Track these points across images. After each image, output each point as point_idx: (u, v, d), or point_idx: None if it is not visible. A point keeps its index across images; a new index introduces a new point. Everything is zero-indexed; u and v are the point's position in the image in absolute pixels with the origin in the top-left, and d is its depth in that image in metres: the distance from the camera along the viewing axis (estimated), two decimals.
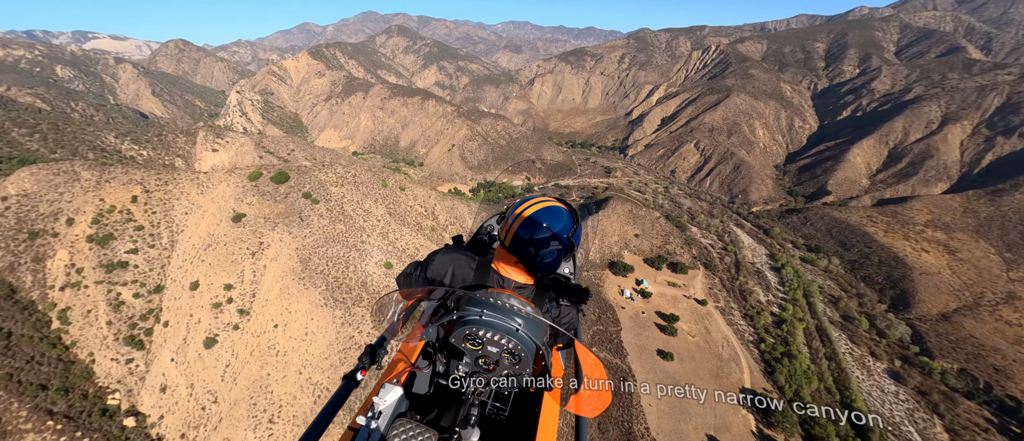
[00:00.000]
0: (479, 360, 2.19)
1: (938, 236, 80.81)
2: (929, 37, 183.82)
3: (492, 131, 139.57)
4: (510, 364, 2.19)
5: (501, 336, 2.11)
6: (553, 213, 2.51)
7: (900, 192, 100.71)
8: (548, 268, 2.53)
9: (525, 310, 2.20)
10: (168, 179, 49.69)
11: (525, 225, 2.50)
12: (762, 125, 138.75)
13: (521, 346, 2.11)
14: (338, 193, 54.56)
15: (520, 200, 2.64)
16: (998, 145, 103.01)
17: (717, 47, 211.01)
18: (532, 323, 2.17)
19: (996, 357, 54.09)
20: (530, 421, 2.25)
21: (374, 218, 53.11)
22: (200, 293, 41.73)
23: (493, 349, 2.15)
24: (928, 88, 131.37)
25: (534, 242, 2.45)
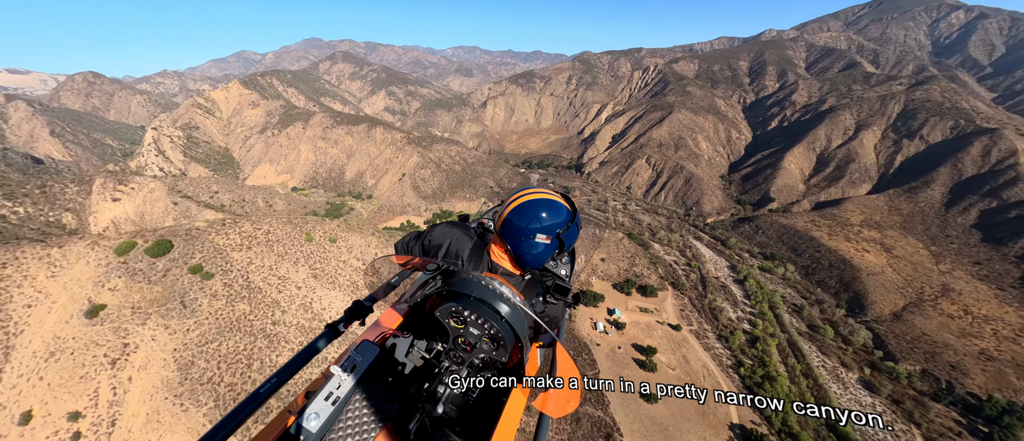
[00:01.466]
0: (459, 339, 2.23)
1: (874, 235, 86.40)
2: (830, 54, 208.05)
3: (446, 157, 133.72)
4: (488, 349, 2.22)
5: (485, 320, 2.15)
6: (549, 206, 2.49)
7: (832, 195, 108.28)
8: (535, 260, 2.52)
9: (514, 300, 2.24)
10: (7, 258, 36.87)
11: (517, 212, 2.50)
12: (704, 138, 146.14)
13: (503, 334, 2.14)
14: (241, 260, 43.25)
15: (521, 188, 2.64)
16: (905, 147, 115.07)
17: (655, 67, 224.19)
18: (518, 314, 2.21)
19: (949, 353, 56.20)
20: (495, 409, 2.28)
21: (293, 286, 42.69)
22: (32, 431, 29.14)
23: (475, 331, 2.18)
24: (839, 99, 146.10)
25: (523, 231, 2.46)
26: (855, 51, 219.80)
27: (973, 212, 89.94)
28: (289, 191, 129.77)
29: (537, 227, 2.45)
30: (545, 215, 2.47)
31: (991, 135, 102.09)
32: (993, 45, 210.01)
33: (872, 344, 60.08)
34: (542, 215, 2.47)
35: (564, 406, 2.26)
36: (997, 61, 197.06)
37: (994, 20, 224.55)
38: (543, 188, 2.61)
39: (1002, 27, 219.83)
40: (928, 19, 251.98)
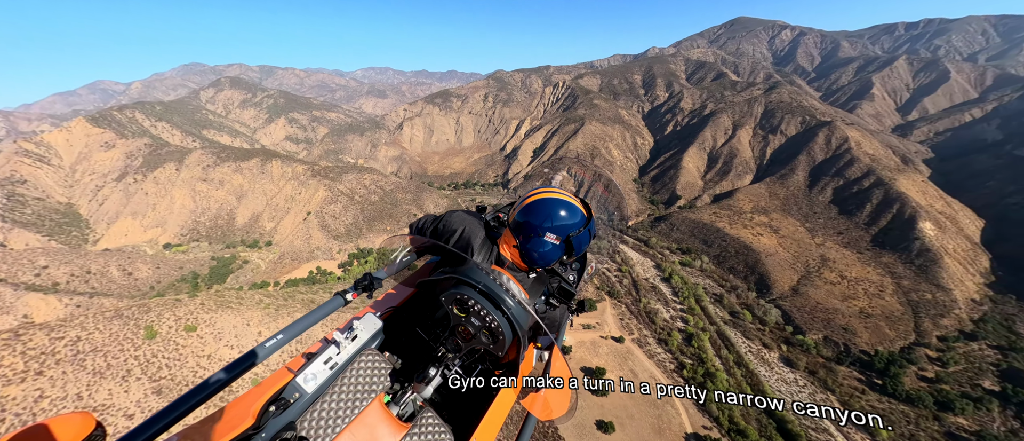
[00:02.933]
0: (459, 327, 2.25)
1: (763, 220, 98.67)
2: (703, 67, 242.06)
3: (359, 187, 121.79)
4: (486, 342, 2.23)
5: (487, 313, 2.15)
6: (563, 206, 2.46)
7: (725, 187, 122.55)
8: (542, 259, 2.49)
9: (519, 297, 2.25)
10: None
11: (530, 208, 2.48)
12: (615, 146, 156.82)
13: (503, 329, 2.15)
14: (23, 397, 29.43)
15: (540, 185, 2.65)
16: (771, 141, 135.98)
17: (564, 83, 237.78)
18: (521, 311, 2.21)
19: (839, 317, 64.67)
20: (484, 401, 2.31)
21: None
22: None
23: (475, 322, 2.19)
24: (716, 104, 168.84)
25: (534, 228, 2.45)
26: (721, 64, 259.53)
27: (828, 190, 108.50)
28: (160, 250, 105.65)
29: (548, 226, 2.42)
30: (558, 215, 2.44)
31: (828, 126, 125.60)
32: (813, 56, 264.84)
33: (782, 321, 66.82)
34: (554, 215, 2.44)
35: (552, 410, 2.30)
36: (817, 67, 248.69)
37: (810, 36, 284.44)
38: (561, 189, 2.56)
39: (817, 41, 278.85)
40: (767, 37, 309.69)
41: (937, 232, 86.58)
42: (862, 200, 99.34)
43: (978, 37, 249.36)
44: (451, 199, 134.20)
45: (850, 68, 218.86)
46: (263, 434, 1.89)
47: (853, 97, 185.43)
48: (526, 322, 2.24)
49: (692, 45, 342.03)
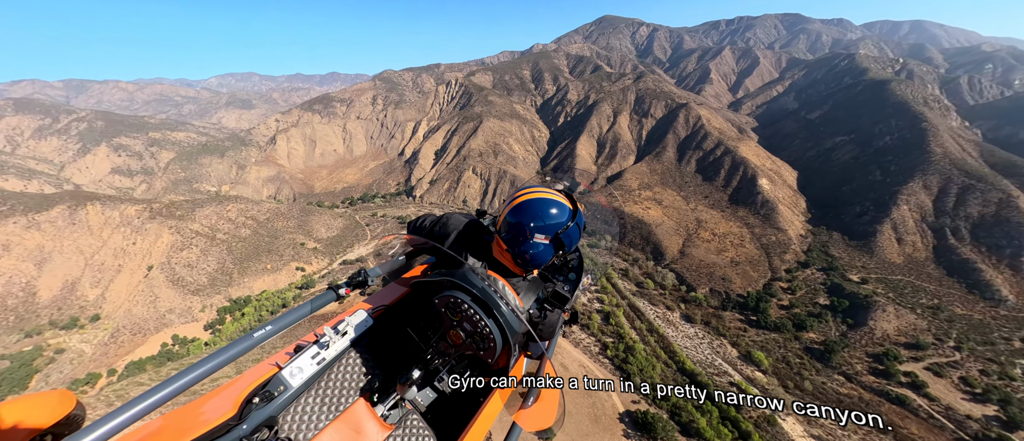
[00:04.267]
0: (450, 331, 2.23)
1: (649, 194, 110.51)
2: (582, 60, 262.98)
3: (223, 221, 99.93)
4: (477, 347, 2.21)
5: (480, 318, 2.13)
6: (549, 204, 2.46)
7: (614, 170, 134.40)
8: (533, 260, 2.50)
9: (512, 304, 2.24)
10: None
11: (516, 210, 2.48)
12: (515, 141, 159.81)
13: (494, 334, 2.12)
14: None
15: (524, 186, 2.64)
16: (645, 125, 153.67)
17: (457, 81, 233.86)
18: (513, 319, 2.18)
19: (717, 270, 75.34)
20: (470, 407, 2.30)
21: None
22: None
23: (467, 326, 2.17)
24: (597, 94, 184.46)
25: (521, 229, 2.44)
26: (596, 57, 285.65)
27: (693, 162, 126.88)
28: None
29: (535, 226, 2.42)
30: (545, 214, 2.43)
31: (685, 108, 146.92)
32: (665, 48, 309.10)
33: (677, 282, 75.25)
34: (542, 214, 2.43)
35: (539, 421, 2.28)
36: (669, 58, 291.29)
37: (661, 32, 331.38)
38: (545, 187, 2.59)
39: (667, 36, 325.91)
40: (629, 32, 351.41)
41: (771, 186, 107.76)
42: (717, 167, 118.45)
43: (772, 30, 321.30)
44: (347, 217, 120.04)
45: (693, 58, 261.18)
46: (244, 426, 1.86)
47: (698, 81, 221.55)
48: (518, 329, 2.22)
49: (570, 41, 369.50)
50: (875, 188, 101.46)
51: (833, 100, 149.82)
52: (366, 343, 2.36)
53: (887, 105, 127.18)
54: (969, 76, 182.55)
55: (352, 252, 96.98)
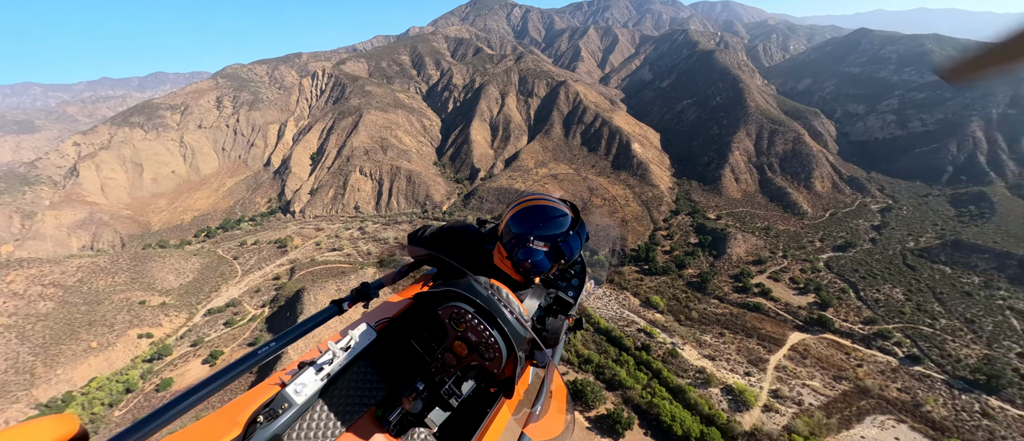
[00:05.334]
0: (455, 342, 2.20)
1: (545, 171, 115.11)
2: (462, 43, 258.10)
3: (3, 299, 70.94)
4: (482, 357, 2.18)
5: (484, 328, 2.12)
6: (550, 212, 2.47)
7: (510, 152, 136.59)
8: (534, 268, 2.50)
9: (516, 313, 2.22)
10: None
11: (516, 217, 2.49)
12: (404, 133, 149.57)
13: (499, 344, 2.10)
14: None
15: (525, 193, 2.67)
16: (531, 104, 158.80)
17: (325, 72, 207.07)
18: (518, 328, 2.18)
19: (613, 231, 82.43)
20: (477, 418, 2.29)
21: None
22: None
23: (472, 337, 2.15)
24: (482, 77, 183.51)
25: (521, 237, 2.45)
26: (476, 39, 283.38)
27: (577, 135, 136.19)
28: None
29: (535, 234, 2.42)
30: (544, 222, 2.44)
31: (564, 85, 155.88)
32: (540, 29, 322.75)
33: None
34: (541, 222, 2.44)
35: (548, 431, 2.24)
36: (544, 38, 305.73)
37: (534, 13, 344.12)
38: (546, 195, 2.62)
39: (539, 17, 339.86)
40: (504, 13, 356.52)
41: (642, 149, 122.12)
42: (598, 137, 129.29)
43: (625, 10, 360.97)
44: (206, 254, 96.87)
45: (565, 38, 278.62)
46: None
47: (572, 60, 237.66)
48: (523, 338, 2.20)
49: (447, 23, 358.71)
50: (715, 140, 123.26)
51: (677, 70, 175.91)
52: (370, 356, 2.33)
53: (714, 71, 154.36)
54: (763, 44, 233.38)
55: (220, 296, 78.47)
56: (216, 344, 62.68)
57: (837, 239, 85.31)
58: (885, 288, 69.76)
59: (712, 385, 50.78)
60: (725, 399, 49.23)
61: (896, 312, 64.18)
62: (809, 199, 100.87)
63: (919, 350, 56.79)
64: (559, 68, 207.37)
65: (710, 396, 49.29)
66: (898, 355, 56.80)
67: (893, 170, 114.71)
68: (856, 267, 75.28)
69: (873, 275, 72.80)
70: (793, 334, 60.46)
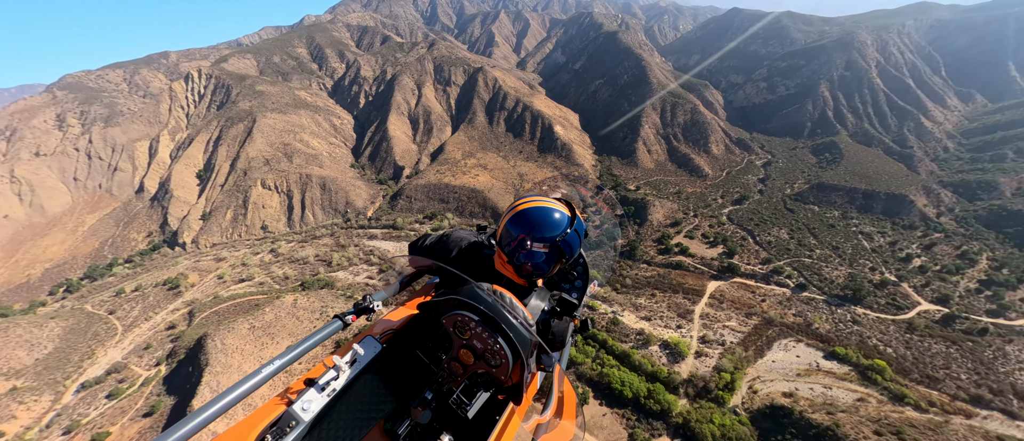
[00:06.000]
0: (460, 350, 2.20)
1: (473, 162, 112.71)
2: (367, 32, 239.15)
3: None
4: (488, 364, 2.19)
5: (489, 335, 2.11)
6: (546, 213, 2.48)
7: (434, 145, 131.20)
8: (536, 271, 2.53)
9: (521, 317, 2.20)
10: None
11: (514, 220, 2.50)
12: (311, 135, 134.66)
13: (505, 350, 2.10)
14: None
15: (521, 196, 2.66)
16: (451, 93, 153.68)
17: (202, 72, 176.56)
18: (523, 332, 2.16)
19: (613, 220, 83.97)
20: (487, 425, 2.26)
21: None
22: None
23: (477, 344, 2.15)
24: (394, 67, 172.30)
25: (520, 239, 2.46)
26: (383, 27, 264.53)
27: (501, 122, 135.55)
28: None
29: (534, 235, 2.45)
30: (541, 223, 2.45)
31: (482, 71, 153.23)
32: (450, 15, 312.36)
33: None
34: (538, 223, 2.46)
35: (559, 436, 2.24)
36: (457, 24, 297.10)
37: None
38: (541, 196, 2.62)
39: (449, 2, 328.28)
40: None
41: (564, 131, 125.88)
42: (521, 123, 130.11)
43: None
44: (68, 314, 76.96)
45: (477, 23, 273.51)
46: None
47: (487, 45, 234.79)
48: (528, 343, 2.18)
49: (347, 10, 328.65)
50: (626, 116, 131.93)
51: (587, 51, 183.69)
52: (377, 369, 2.31)
53: (619, 51, 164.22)
54: (657, 24, 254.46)
55: (96, 363, 62.72)
56: (100, 425, 50.48)
57: (734, 194, 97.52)
58: (774, 231, 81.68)
59: (651, 344, 54.75)
60: (664, 354, 53.46)
61: (784, 250, 75.55)
62: (709, 162, 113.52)
63: (804, 279, 67.63)
64: (475, 54, 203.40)
65: (651, 354, 53.09)
66: (790, 286, 67.04)
67: (768, 129, 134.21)
68: (751, 216, 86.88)
69: (764, 221, 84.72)
70: (711, 283, 67.85)
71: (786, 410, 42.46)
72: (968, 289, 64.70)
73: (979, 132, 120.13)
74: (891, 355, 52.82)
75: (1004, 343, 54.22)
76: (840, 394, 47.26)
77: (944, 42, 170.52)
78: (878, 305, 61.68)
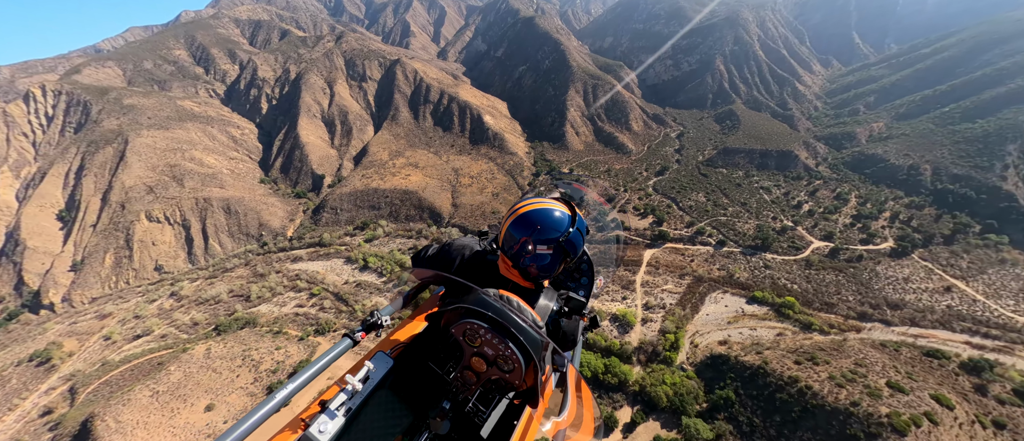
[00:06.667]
0: (472, 358, 2.20)
1: (403, 161, 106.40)
2: (262, 27, 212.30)
3: None
4: (501, 370, 2.20)
5: (499, 340, 2.13)
6: (547, 214, 2.54)
7: (357, 147, 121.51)
8: (542, 272, 2.57)
9: (530, 320, 2.23)
10: None
11: (516, 224, 2.55)
12: (204, 151, 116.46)
13: (517, 355, 2.12)
14: None
15: (520, 199, 2.72)
16: (367, 89, 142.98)
17: (48, 89, 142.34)
18: (533, 335, 2.18)
19: (487, 207, 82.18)
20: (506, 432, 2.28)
21: None
22: None
23: (488, 351, 2.16)
24: (298, 65, 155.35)
25: (523, 242, 2.51)
26: (280, 21, 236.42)
27: (428, 116, 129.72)
28: None
29: (536, 237, 2.49)
30: (543, 224, 2.50)
31: (399, 64, 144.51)
32: (359, 4, 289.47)
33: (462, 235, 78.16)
34: (540, 224, 2.50)
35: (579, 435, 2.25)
36: (367, 14, 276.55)
37: None
38: (540, 197, 2.67)
39: None
40: None
41: (494, 120, 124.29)
42: (449, 115, 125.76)
43: None
44: None
45: (388, 12, 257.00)
46: None
47: (403, 36, 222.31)
48: (540, 345, 2.19)
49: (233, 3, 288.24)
50: (552, 101, 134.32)
51: (507, 37, 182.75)
52: (390, 384, 2.30)
53: (538, 36, 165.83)
54: (571, 9, 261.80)
55: None
56: None
57: (656, 166, 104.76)
58: (693, 196, 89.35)
59: (602, 319, 56.58)
60: (614, 327, 55.63)
61: (703, 212, 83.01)
62: (631, 139, 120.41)
63: (722, 235, 74.98)
64: (390, 46, 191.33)
65: (603, 330, 54.87)
66: (712, 244, 73.92)
67: (677, 103, 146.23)
68: (672, 185, 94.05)
69: (684, 188, 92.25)
70: (646, 252, 72.20)
71: (724, 357, 46.61)
72: (845, 224, 77.01)
73: (838, 92, 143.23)
74: (797, 291, 60.91)
75: (875, 265, 65.51)
76: (763, 333, 53.32)
77: (805, 17, 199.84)
78: (782, 249, 70.71)
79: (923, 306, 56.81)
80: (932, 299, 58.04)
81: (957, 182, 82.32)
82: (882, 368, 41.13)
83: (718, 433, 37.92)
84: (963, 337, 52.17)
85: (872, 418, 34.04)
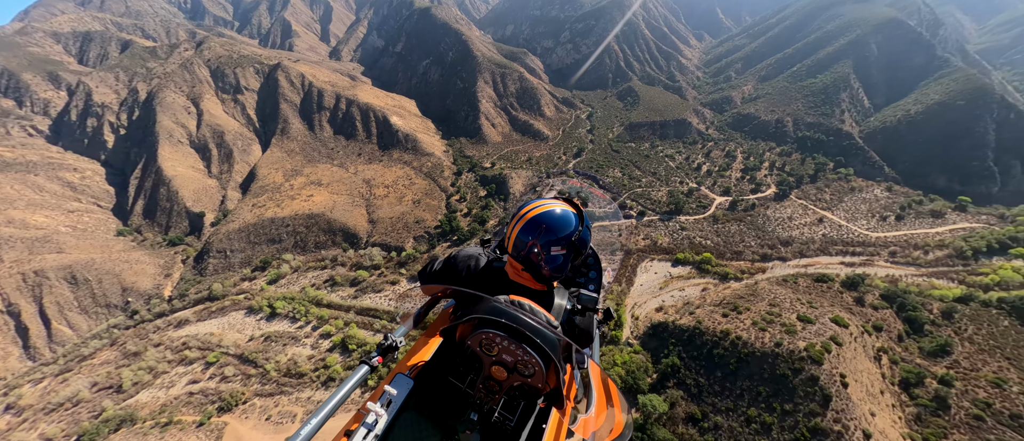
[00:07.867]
0: (492, 367, 2.20)
1: (302, 181, 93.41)
2: (94, 39, 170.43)
3: None
4: (522, 376, 2.20)
5: (516, 346, 2.13)
6: (556, 215, 2.58)
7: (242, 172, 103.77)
8: (555, 272, 2.61)
9: (544, 321, 2.24)
10: None
11: (526, 229, 2.57)
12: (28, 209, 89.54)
13: (537, 358, 2.12)
14: None
15: (523, 203, 2.75)
16: (245, 102, 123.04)
17: None
18: (549, 336, 2.19)
19: (409, 217, 75.54)
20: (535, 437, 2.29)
21: None
22: None
23: (507, 358, 2.16)
24: (150, 83, 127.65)
25: (536, 246, 2.54)
26: (119, 30, 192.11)
27: (326, 125, 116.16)
28: None
29: (549, 240, 2.53)
30: (554, 225, 2.54)
31: (281, 68, 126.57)
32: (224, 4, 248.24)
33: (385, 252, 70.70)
34: (551, 226, 2.54)
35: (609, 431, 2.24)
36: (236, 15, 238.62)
37: None
38: (543, 199, 2.71)
39: None
40: None
41: (403, 121, 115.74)
42: (351, 121, 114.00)
43: None
44: None
45: (263, 10, 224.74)
46: None
47: (284, 37, 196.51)
48: (557, 345, 2.20)
49: (51, 12, 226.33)
50: (463, 94, 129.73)
51: (405, 31, 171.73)
52: (414, 405, 2.28)
53: (438, 27, 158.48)
54: None
55: None
56: None
57: (573, 149, 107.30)
58: (610, 172, 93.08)
59: None
60: None
61: (621, 186, 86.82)
62: (546, 124, 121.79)
63: (642, 206, 79.06)
64: (269, 49, 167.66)
65: None
66: (634, 216, 77.53)
67: (583, 85, 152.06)
68: (590, 165, 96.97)
69: (601, 166, 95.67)
70: None
71: (663, 325, 48.31)
72: (737, 178, 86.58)
73: (712, 62, 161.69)
74: (711, 246, 66.46)
75: (765, 210, 74.45)
76: (691, 291, 56.92)
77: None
78: (692, 210, 76.87)
79: (805, 238, 65.96)
80: (811, 231, 67.71)
81: (812, 129, 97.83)
82: (790, 304, 46.03)
83: (671, 402, 38.80)
84: (838, 258, 61.67)
85: (794, 355, 37.50)
